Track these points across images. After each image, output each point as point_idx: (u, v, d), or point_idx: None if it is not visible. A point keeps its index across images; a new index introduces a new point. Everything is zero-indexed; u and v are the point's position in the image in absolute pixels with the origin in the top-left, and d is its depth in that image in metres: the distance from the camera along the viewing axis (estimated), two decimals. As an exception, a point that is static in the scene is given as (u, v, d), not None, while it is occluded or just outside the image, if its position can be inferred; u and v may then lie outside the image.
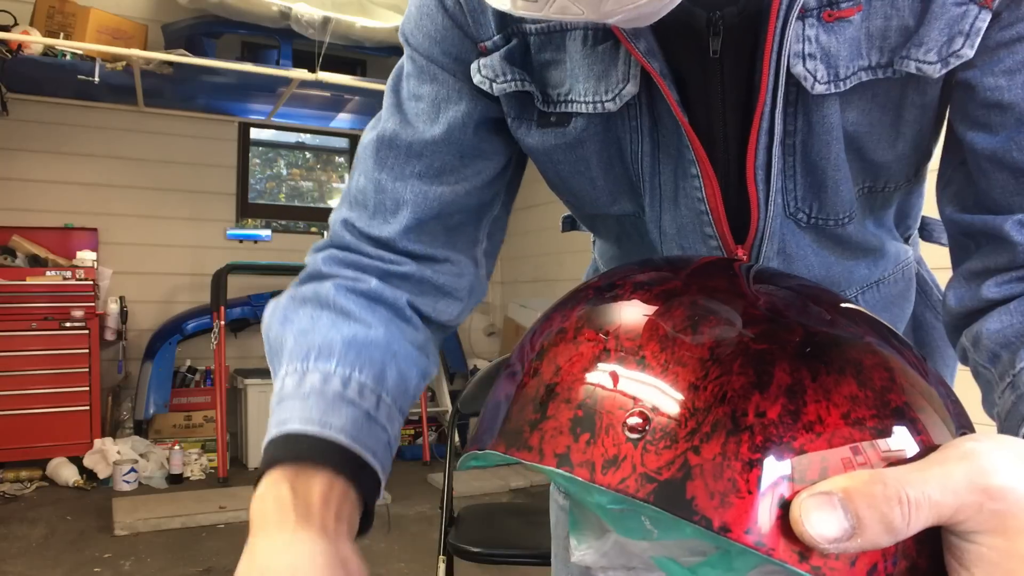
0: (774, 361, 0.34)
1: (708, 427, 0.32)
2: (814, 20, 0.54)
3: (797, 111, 0.58)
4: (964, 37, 0.53)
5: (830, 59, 0.55)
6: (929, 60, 0.54)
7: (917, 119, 0.59)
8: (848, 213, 0.65)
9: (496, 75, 0.64)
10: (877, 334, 0.38)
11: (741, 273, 0.42)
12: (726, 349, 0.34)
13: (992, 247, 0.58)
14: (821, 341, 0.35)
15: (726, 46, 0.57)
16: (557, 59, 0.63)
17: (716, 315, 0.36)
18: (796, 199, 0.63)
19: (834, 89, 0.56)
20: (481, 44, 0.65)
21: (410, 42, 0.68)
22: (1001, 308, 0.56)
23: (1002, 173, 0.55)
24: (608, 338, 0.37)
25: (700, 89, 0.60)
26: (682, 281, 0.40)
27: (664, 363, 0.35)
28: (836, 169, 0.60)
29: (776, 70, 0.55)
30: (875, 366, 0.35)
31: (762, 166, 0.59)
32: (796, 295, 0.40)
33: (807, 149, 0.60)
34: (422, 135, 0.67)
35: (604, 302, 0.40)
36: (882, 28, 0.55)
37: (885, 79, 0.56)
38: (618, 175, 0.67)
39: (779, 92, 0.56)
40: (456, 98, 0.66)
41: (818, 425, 0.32)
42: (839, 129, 0.58)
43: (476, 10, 0.64)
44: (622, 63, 0.60)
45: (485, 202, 0.71)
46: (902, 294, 0.77)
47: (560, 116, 0.64)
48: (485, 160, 0.69)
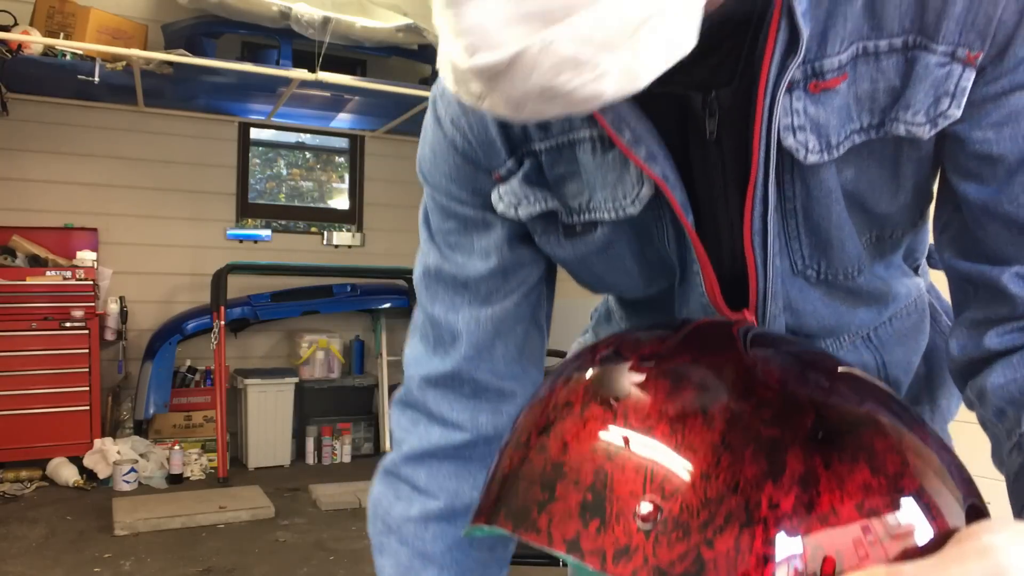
0: (786, 448, 0.33)
1: (721, 519, 0.32)
2: (801, 92, 0.55)
3: (794, 178, 0.59)
4: (950, 97, 0.53)
5: (820, 129, 0.55)
6: (918, 122, 0.54)
7: (915, 171, 0.60)
8: (857, 266, 0.65)
9: (519, 200, 0.66)
10: (882, 404, 0.38)
11: (740, 338, 0.42)
12: (738, 435, 0.34)
13: (991, 297, 0.58)
14: (832, 425, 0.35)
15: (723, 125, 0.58)
16: (571, 171, 0.64)
17: (727, 395, 0.36)
18: (804, 258, 0.64)
19: (827, 157, 0.56)
20: (495, 173, 0.66)
21: (429, 181, 0.70)
22: (1004, 361, 0.56)
23: (995, 224, 0.56)
24: (616, 417, 0.36)
25: (702, 167, 0.61)
26: (691, 355, 0.39)
27: (675, 447, 0.34)
28: (839, 228, 0.61)
29: (767, 144, 0.56)
30: (887, 450, 0.35)
31: (758, 232, 0.60)
32: (801, 365, 0.40)
33: (808, 212, 0.60)
34: (462, 267, 0.70)
35: (610, 374, 0.39)
36: (870, 91, 0.55)
37: (879, 138, 0.57)
38: (652, 261, 0.68)
39: (771, 164, 0.57)
40: (483, 227, 0.69)
41: (832, 517, 0.32)
42: (838, 191, 0.59)
43: (485, 142, 0.65)
44: (633, 167, 0.60)
45: (534, 303, 0.74)
46: (916, 327, 0.78)
47: (586, 225, 0.66)
48: (527, 268, 0.71)
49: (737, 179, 0.60)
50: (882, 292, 0.71)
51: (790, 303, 0.66)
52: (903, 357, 0.77)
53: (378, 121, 5.00)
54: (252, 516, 3.57)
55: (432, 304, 0.72)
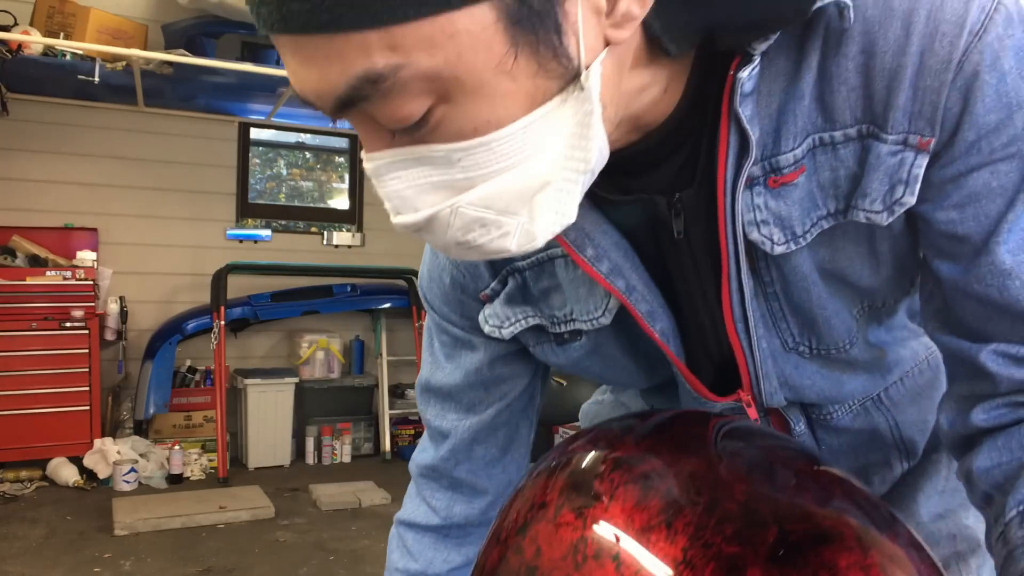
0: (745, 567, 0.33)
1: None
2: (761, 188, 0.56)
3: (769, 265, 0.60)
4: (904, 185, 0.54)
5: (783, 221, 0.57)
6: (875, 210, 0.55)
7: (892, 247, 0.60)
8: (848, 340, 0.66)
9: (502, 321, 0.71)
10: (851, 509, 0.38)
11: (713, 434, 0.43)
12: (699, 551, 0.34)
13: (973, 374, 0.58)
14: (795, 540, 0.35)
15: (690, 223, 0.60)
16: (553, 284, 0.68)
17: (691, 507, 0.36)
18: (793, 336, 0.65)
19: (794, 247, 0.58)
20: (482, 294, 0.71)
21: (427, 298, 0.77)
22: (990, 442, 0.57)
23: (970, 302, 0.56)
24: (585, 525, 0.37)
25: (676, 264, 0.64)
26: (659, 454, 0.40)
27: (639, 561, 0.35)
28: (822, 308, 0.62)
29: (735, 239, 0.58)
30: (850, 567, 0.34)
31: (740, 319, 0.62)
32: (768, 464, 0.40)
33: (788, 295, 0.62)
34: (449, 379, 0.78)
35: (583, 478, 0.40)
36: (831, 179, 0.56)
37: (848, 221, 0.57)
38: (647, 354, 0.71)
39: (741, 257, 0.59)
40: (470, 347, 0.76)
41: None
42: (814, 274, 0.60)
43: (470, 266, 0.71)
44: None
45: (518, 409, 0.81)
46: (931, 383, 0.78)
47: (572, 333, 0.70)
48: (510, 383, 0.78)
49: (711, 272, 0.62)
50: (880, 359, 0.71)
51: (786, 380, 0.68)
52: (917, 416, 0.77)
53: (378, 121, 4.99)
54: (252, 516, 3.57)
55: (425, 410, 0.82)
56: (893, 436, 0.77)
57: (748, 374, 0.66)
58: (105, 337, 4.39)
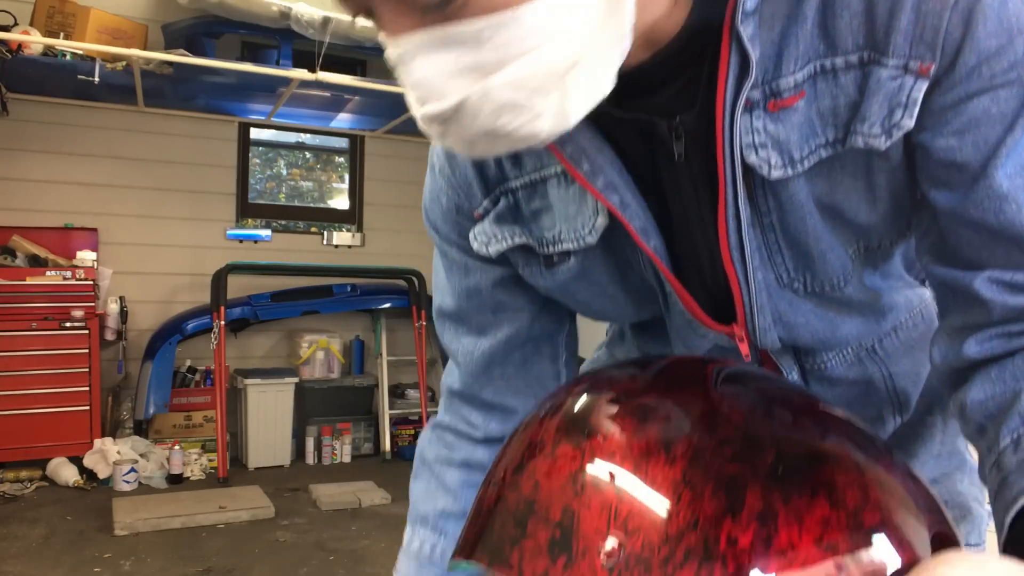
0: (746, 485, 0.34)
1: (681, 555, 0.32)
2: (761, 112, 0.57)
3: (766, 193, 0.60)
4: (903, 109, 0.54)
5: (781, 146, 0.57)
6: (874, 133, 0.55)
7: (889, 181, 0.61)
8: (843, 277, 0.66)
9: (489, 239, 0.71)
10: (848, 438, 0.38)
11: (712, 376, 0.43)
12: (698, 472, 0.35)
13: (966, 303, 0.59)
14: (793, 461, 0.36)
15: (689, 147, 0.60)
16: (545, 206, 0.68)
17: (690, 433, 0.37)
18: (788, 271, 0.65)
19: (791, 172, 0.58)
20: (476, 212, 0.71)
21: (429, 219, 0.76)
22: (983, 374, 0.57)
23: (966, 230, 0.57)
24: (584, 456, 0.38)
25: (674, 188, 0.63)
26: (657, 392, 0.40)
27: (638, 485, 0.35)
28: (818, 240, 0.62)
29: (732, 163, 0.58)
30: (848, 484, 0.35)
31: (735, 247, 0.62)
32: (767, 402, 0.41)
33: (784, 226, 0.62)
34: (456, 302, 0.78)
35: (580, 414, 0.41)
36: (831, 106, 0.56)
37: (847, 151, 0.58)
38: (635, 285, 0.71)
39: (738, 182, 0.59)
40: (469, 269, 0.75)
41: (790, 551, 0.32)
42: (810, 204, 0.60)
43: (464, 185, 0.71)
44: (591, 199, 0.64)
45: (548, 331, 0.80)
46: (924, 336, 0.78)
47: (560, 255, 0.69)
48: (516, 311, 0.77)
49: (709, 198, 0.62)
50: (874, 302, 0.71)
51: (780, 316, 0.67)
52: (910, 368, 0.77)
53: (378, 121, 5.00)
54: (252, 516, 3.58)
55: (443, 334, 0.82)
56: (887, 388, 0.77)
57: (743, 307, 0.65)
58: (105, 337, 4.39)
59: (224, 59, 4.09)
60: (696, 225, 0.64)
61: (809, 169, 0.58)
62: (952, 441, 0.85)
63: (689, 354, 0.69)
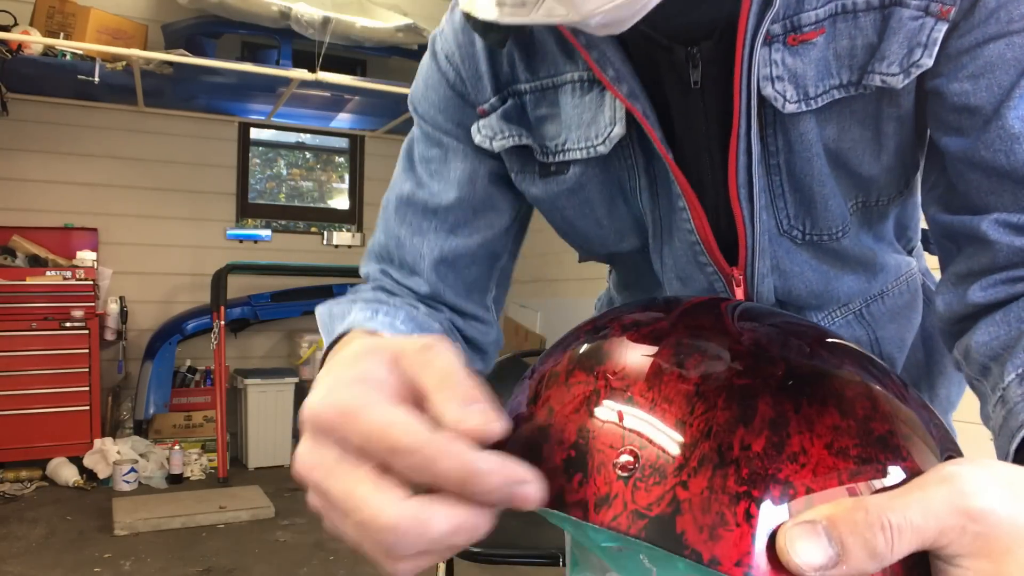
0: (757, 395, 0.34)
1: (695, 462, 0.33)
2: (780, 45, 0.58)
3: (776, 131, 0.61)
4: (923, 48, 0.55)
5: (798, 80, 0.58)
6: (892, 72, 0.56)
7: (897, 131, 0.62)
8: (841, 227, 0.67)
9: (495, 133, 0.69)
10: (858, 364, 0.39)
11: (727, 312, 0.44)
12: (711, 385, 0.35)
13: (972, 248, 0.59)
14: (803, 374, 0.36)
15: (706, 76, 0.61)
16: (552, 113, 0.68)
17: (701, 352, 0.37)
18: (788, 217, 0.65)
19: (805, 107, 0.59)
20: (480, 108, 0.70)
21: (418, 111, 0.74)
22: (988, 319, 0.57)
23: (975, 173, 0.57)
24: (597, 379, 0.38)
25: (684, 119, 0.64)
26: (669, 322, 0.41)
27: (652, 401, 0.36)
28: (822, 185, 0.63)
29: (748, 94, 0.58)
30: (857, 396, 0.36)
31: (744, 185, 0.62)
32: (779, 331, 0.41)
33: (791, 167, 0.62)
34: (436, 195, 0.73)
35: (594, 344, 0.41)
36: (848, 47, 0.57)
37: (859, 95, 0.59)
38: (622, 213, 0.71)
39: (752, 114, 0.59)
40: (462, 159, 0.72)
41: (802, 456, 0.33)
42: (818, 145, 0.61)
43: (474, 77, 0.69)
44: (608, 108, 0.64)
45: (495, 253, 0.76)
46: (908, 305, 0.79)
47: (559, 165, 0.69)
48: (495, 212, 0.74)
49: (720, 132, 0.63)
50: (869, 259, 0.72)
51: (778, 264, 0.68)
52: (896, 334, 0.78)
53: (378, 121, 5.00)
54: (252, 516, 3.57)
55: (400, 227, 0.74)
56: (873, 352, 0.77)
57: (746, 246, 0.65)
58: (105, 337, 4.39)
59: (224, 59, 4.10)
60: (705, 158, 0.64)
61: (821, 108, 0.59)
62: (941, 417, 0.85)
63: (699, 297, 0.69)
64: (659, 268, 0.72)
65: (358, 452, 0.34)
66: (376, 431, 0.34)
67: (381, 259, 0.76)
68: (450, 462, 0.33)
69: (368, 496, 0.33)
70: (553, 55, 0.66)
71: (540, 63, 0.67)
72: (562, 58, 0.65)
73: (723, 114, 0.61)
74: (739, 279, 0.68)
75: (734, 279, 0.68)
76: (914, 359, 0.82)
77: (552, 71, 0.67)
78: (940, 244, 0.64)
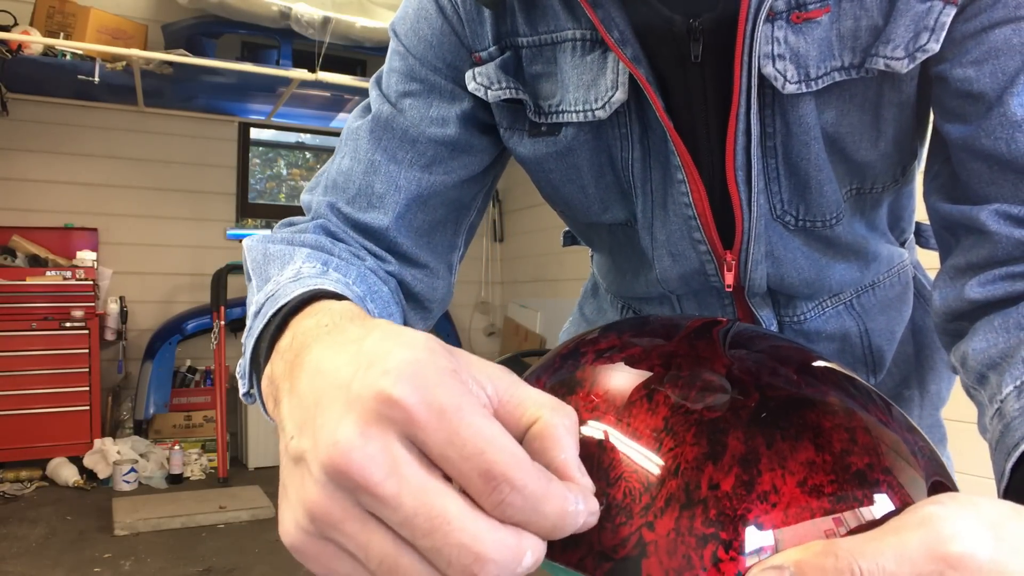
0: (728, 430, 0.33)
1: (662, 501, 0.32)
2: (783, 22, 0.56)
3: (775, 112, 0.59)
4: (929, 32, 0.54)
5: (799, 59, 0.57)
6: (896, 56, 0.55)
7: (896, 117, 0.61)
8: (835, 214, 0.65)
9: (491, 83, 0.66)
10: (841, 390, 0.37)
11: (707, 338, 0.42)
12: (679, 419, 0.34)
13: (971, 240, 0.58)
14: (777, 406, 0.35)
15: (706, 51, 0.59)
16: (548, 71, 0.65)
17: (673, 383, 0.36)
18: (783, 202, 0.64)
19: (805, 89, 0.57)
20: (476, 54, 0.67)
21: (403, 41, 0.69)
22: (986, 324, 0.56)
23: (976, 162, 0.56)
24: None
25: (683, 95, 0.62)
26: (643, 348, 0.40)
27: (620, 435, 0.34)
28: (818, 169, 0.62)
29: (748, 71, 0.57)
30: (835, 427, 0.34)
31: (742, 166, 0.61)
32: (761, 357, 0.40)
33: (787, 150, 0.61)
34: (416, 126, 0.67)
35: (567, 371, 0.40)
36: (852, 29, 0.56)
37: (860, 79, 0.58)
38: (609, 183, 0.68)
39: (753, 93, 0.58)
40: (448, 98, 0.68)
41: (773, 495, 0.31)
42: (817, 129, 0.60)
43: (474, 20, 0.66)
44: (610, 71, 0.62)
45: (465, 202, 0.72)
46: (899, 297, 0.78)
47: (551, 126, 0.66)
48: (473, 156, 0.70)
49: (718, 110, 0.61)
50: (862, 248, 0.71)
51: (771, 250, 0.66)
52: (886, 326, 0.77)
53: (378, 121, 5.00)
54: (252, 516, 3.57)
55: (375, 151, 0.67)
56: (863, 344, 0.76)
57: (742, 230, 0.64)
58: (105, 337, 4.39)
59: (224, 59, 4.09)
60: (703, 137, 0.63)
61: (821, 91, 0.58)
62: (931, 415, 0.84)
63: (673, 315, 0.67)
64: (648, 244, 0.70)
65: (438, 460, 0.29)
66: (472, 445, 0.28)
67: (333, 189, 0.68)
68: (552, 506, 0.29)
69: (463, 516, 0.28)
70: (555, 11, 0.63)
71: (540, 18, 0.64)
72: (564, 14, 0.63)
73: (722, 92, 0.60)
74: (731, 263, 0.66)
75: (726, 263, 0.66)
76: (904, 353, 0.82)
77: (552, 27, 0.64)
78: (939, 236, 0.63)
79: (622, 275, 0.81)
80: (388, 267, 0.67)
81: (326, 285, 0.50)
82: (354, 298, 0.51)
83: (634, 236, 0.72)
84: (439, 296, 0.73)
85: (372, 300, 0.59)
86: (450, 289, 0.75)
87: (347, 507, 0.29)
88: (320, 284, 0.50)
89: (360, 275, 0.60)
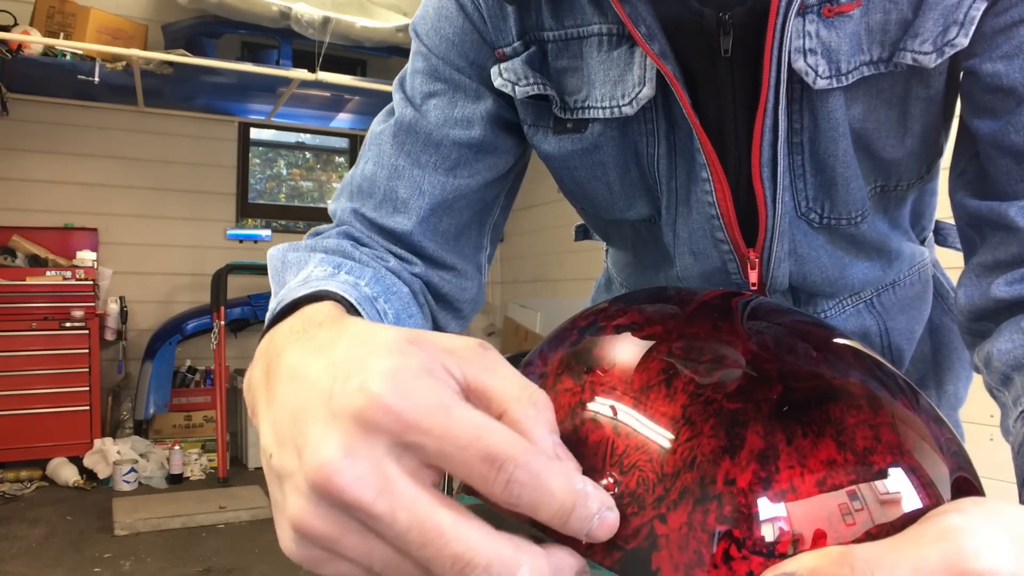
0: (747, 423, 0.32)
1: (675, 494, 0.31)
2: (814, 16, 0.55)
3: (803, 108, 0.59)
4: (959, 26, 0.53)
5: (831, 54, 0.56)
6: (925, 51, 0.54)
7: (923, 113, 0.60)
8: (860, 212, 0.65)
9: (518, 79, 0.65)
10: (868, 374, 0.36)
11: (730, 313, 0.41)
12: (698, 408, 0.33)
13: (999, 237, 0.57)
14: (800, 398, 0.33)
15: (736, 45, 0.58)
16: (574, 66, 0.64)
17: (693, 367, 0.35)
18: (808, 199, 0.63)
19: (836, 84, 0.57)
20: (499, 50, 0.66)
21: (424, 41, 0.68)
22: (1011, 325, 0.55)
23: (1005, 158, 0.55)
24: (583, 390, 0.36)
25: (711, 89, 0.61)
26: (663, 325, 0.38)
27: (635, 421, 0.33)
28: (845, 167, 0.61)
29: (778, 66, 0.56)
30: (858, 424, 0.33)
31: (767, 163, 0.60)
32: (785, 336, 0.38)
33: (815, 147, 0.60)
34: (440, 128, 0.67)
35: (584, 346, 0.39)
36: (882, 22, 0.55)
37: (888, 73, 0.57)
38: (634, 179, 0.67)
39: (781, 88, 0.57)
40: (473, 97, 0.67)
41: (790, 494, 0.30)
42: (845, 125, 0.59)
43: (496, 16, 0.65)
44: (637, 67, 0.61)
45: (489, 202, 0.72)
46: (919, 296, 0.77)
47: (577, 123, 0.65)
48: (497, 156, 0.69)
49: (746, 105, 0.60)
50: (885, 245, 0.70)
51: (795, 247, 0.65)
52: (905, 325, 0.77)
53: (378, 121, 5.00)
54: (252, 516, 3.57)
55: (398, 156, 0.67)
56: (882, 343, 0.76)
57: (765, 228, 0.63)
58: (105, 337, 4.39)
59: (224, 59, 4.10)
60: (730, 132, 0.62)
61: (851, 85, 0.57)
62: (949, 415, 0.83)
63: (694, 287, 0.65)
64: (671, 241, 0.69)
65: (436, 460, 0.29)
66: (466, 435, 0.28)
67: (358, 194, 0.68)
68: (558, 481, 0.28)
69: (457, 527, 0.28)
70: (581, 5, 0.62)
71: (567, 12, 0.63)
72: (591, 8, 0.61)
73: (750, 87, 0.59)
74: (754, 261, 0.65)
75: (749, 261, 0.65)
76: (921, 353, 0.81)
77: (579, 21, 0.63)
78: (964, 233, 0.62)
79: (642, 271, 0.80)
80: (414, 269, 0.67)
81: (330, 287, 0.50)
82: (361, 299, 0.51)
83: (657, 232, 0.71)
84: (469, 297, 0.72)
85: (387, 300, 0.58)
86: (481, 289, 0.74)
87: (343, 523, 0.29)
88: (324, 286, 0.50)
89: (376, 276, 0.59)
